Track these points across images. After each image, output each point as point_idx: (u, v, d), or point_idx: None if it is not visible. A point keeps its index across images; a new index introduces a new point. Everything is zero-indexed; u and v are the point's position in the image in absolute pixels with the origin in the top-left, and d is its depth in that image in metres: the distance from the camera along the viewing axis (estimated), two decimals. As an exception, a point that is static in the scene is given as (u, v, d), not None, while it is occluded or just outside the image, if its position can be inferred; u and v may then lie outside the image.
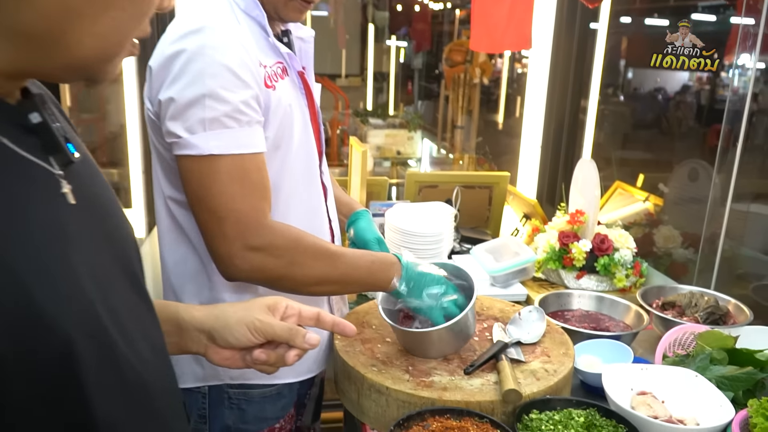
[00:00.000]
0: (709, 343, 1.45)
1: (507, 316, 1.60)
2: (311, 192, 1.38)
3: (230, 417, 1.38)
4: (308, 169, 1.37)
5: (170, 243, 1.34)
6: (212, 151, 1.14)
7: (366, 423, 1.33)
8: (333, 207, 1.50)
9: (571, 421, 1.22)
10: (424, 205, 2.36)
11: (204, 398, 1.39)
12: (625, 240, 2.20)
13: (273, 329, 0.92)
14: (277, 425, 1.42)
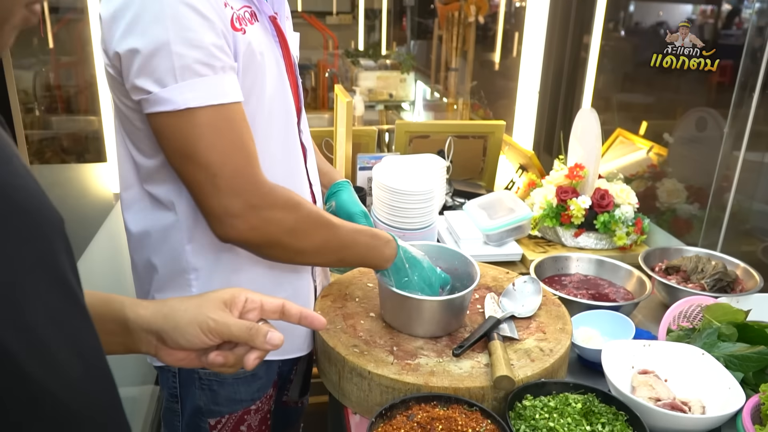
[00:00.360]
0: (717, 316, 1.35)
1: (500, 286, 1.50)
2: (289, 153, 1.25)
3: (201, 398, 1.29)
4: (285, 127, 1.23)
5: (138, 212, 1.22)
6: (189, 104, 1.00)
7: (348, 406, 1.25)
8: (314, 170, 1.37)
9: (568, 407, 1.13)
10: (415, 158, 2.23)
11: (174, 377, 1.30)
12: (626, 195, 2.09)
13: (229, 329, 0.81)
14: (253, 407, 1.33)
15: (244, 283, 1.21)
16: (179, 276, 1.20)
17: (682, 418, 1.13)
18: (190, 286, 1.20)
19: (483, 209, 2.09)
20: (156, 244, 1.21)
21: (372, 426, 1.05)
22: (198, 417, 1.31)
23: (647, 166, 2.35)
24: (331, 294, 1.42)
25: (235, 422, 1.32)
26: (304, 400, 1.67)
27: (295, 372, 1.53)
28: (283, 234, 1.11)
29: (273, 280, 1.26)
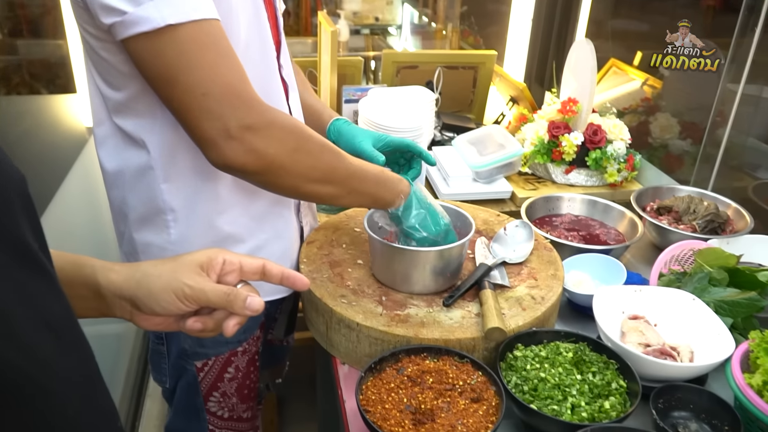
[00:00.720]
0: (709, 261, 1.34)
1: (491, 229, 1.47)
2: (269, 91, 1.17)
3: (187, 340, 1.28)
4: (263, 61, 1.15)
5: (111, 149, 1.15)
6: (168, 21, 0.92)
7: (336, 357, 1.24)
8: (298, 107, 1.30)
9: (559, 356, 1.12)
10: (402, 91, 2.16)
11: None
12: (619, 131, 2.04)
13: (206, 295, 0.77)
14: (239, 348, 1.32)
15: (224, 225, 1.17)
16: (156, 216, 1.16)
17: (671, 366, 1.13)
18: (167, 227, 1.16)
19: (472, 145, 2.04)
20: (130, 183, 1.15)
21: (362, 380, 1.04)
22: (183, 359, 1.30)
23: (641, 100, 2.29)
24: (317, 240, 1.39)
25: (222, 364, 1.31)
26: (289, 339, 1.66)
27: (280, 311, 1.51)
28: (286, 155, 1.03)
29: (254, 220, 1.21)
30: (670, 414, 1.10)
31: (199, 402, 1.34)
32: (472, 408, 1.01)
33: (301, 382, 2.10)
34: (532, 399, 1.05)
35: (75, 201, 2.18)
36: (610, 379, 1.08)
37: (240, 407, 1.39)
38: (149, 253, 1.19)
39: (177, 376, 1.33)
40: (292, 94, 1.26)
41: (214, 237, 1.18)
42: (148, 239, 1.18)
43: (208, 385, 1.32)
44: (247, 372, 1.36)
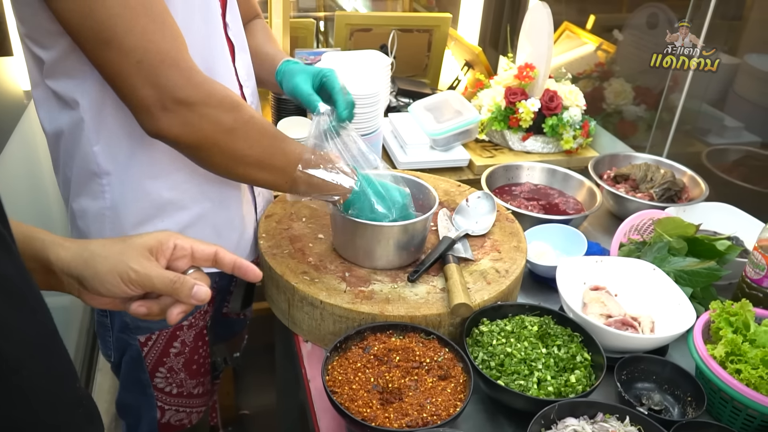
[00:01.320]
0: (668, 230, 1.34)
1: (452, 200, 1.44)
2: (212, 51, 1.11)
3: (128, 314, 1.21)
4: (206, 21, 1.08)
5: (48, 112, 1.08)
6: None
7: (299, 334, 1.20)
8: (246, 69, 1.22)
9: (524, 330, 1.11)
10: (357, 55, 2.09)
11: None
12: (574, 97, 2.03)
13: (151, 281, 0.74)
14: (185, 323, 1.27)
15: (162, 190, 1.12)
16: (90, 180, 1.10)
17: (634, 338, 1.13)
18: (102, 192, 1.10)
19: (429, 111, 2.00)
20: (68, 146, 1.09)
21: (327, 360, 1.01)
22: (126, 333, 1.25)
23: (594, 65, 2.28)
24: (276, 214, 1.34)
25: (166, 339, 1.27)
26: (247, 312, 1.62)
27: (235, 284, 1.46)
28: (220, 135, 1.00)
29: (196, 186, 1.15)
30: (633, 385, 1.11)
31: (145, 378, 1.29)
32: (440, 386, 1.00)
33: (258, 350, 2.06)
34: (498, 375, 1.04)
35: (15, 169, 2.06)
36: (575, 352, 1.08)
37: (189, 383, 1.34)
38: (86, 219, 1.14)
39: (121, 350, 1.29)
40: (240, 55, 1.19)
41: (153, 203, 1.12)
42: (84, 205, 1.13)
43: (153, 360, 1.28)
44: (194, 347, 1.32)
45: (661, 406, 1.07)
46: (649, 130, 2.02)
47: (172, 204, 1.14)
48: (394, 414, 0.94)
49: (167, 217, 1.14)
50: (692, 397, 1.06)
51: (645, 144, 2.02)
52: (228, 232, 1.23)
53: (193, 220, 1.17)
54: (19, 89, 2.37)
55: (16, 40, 2.19)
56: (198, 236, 1.17)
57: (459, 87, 2.42)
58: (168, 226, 1.15)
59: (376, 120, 1.83)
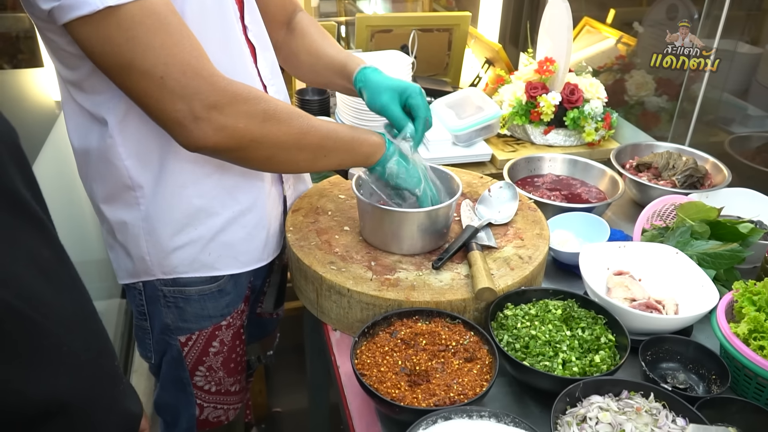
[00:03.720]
0: (690, 215, 1.36)
1: (475, 191, 1.47)
2: (231, 54, 1.13)
3: (168, 315, 1.27)
4: (223, 25, 1.10)
5: (76, 127, 1.13)
6: (107, 2, 0.88)
7: (327, 323, 1.24)
8: (270, 68, 1.25)
9: (548, 314, 1.14)
10: (378, 56, 2.13)
11: (141, 295, 1.27)
12: (595, 89, 2.05)
13: None
14: (223, 323, 1.31)
15: (193, 198, 1.15)
16: (125, 193, 1.14)
17: (658, 318, 1.15)
18: (138, 204, 1.15)
19: (451, 108, 2.03)
20: (97, 160, 1.13)
21: (355, 345, 1.05)
22: (167, 335, 1.29)
23: (615, 58, 2.30)
24: (302, 208, 1.38)
25: (206, 339, 1.31)
26: (279, 311, 1.66)
27: (269, 284, 1.50)
28: (256, 127, 1.02)
29: (226, 191, 1.19)
30: (658, 365, 1.13)
31: (185, 376, 1.33)
32: (466, 367, 1.02)
33: (287, 350, 2.10)
34: (524, 356, 1.07)
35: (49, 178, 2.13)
36: (599, 334, 1.10)
37: (227, 381, 1.39)
38: (125, 232, 1.18)
39: (162, 351, 1.33)
40: (263, 55, 1.22)
41: (184, 211, 1.16)
42: (122, 216, 1.17)
43: (194, 359, 1.32)
44: (232, 345, 1.36)
45: (686, 385, 1.09)
46: (670, 120, 2.03)
47: (203, 211, 1.18)
48: (422, 394, 0.97)
49: (200, 224, 1.18)
50: (716, 375, 1.08)
51: (667, 134, 2.03)
52: (258, 231, 1.27)
53: (225, 225, 1.21)
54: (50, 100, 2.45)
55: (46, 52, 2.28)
56: (231, 239, 1.22)
57: (480, 84, 2.45)
58: (201, 233, 1.19)
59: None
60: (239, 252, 1.25)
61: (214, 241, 1.21)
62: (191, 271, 1.22)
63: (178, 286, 1.23)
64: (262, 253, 1.31)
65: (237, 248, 1.24)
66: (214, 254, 1.22)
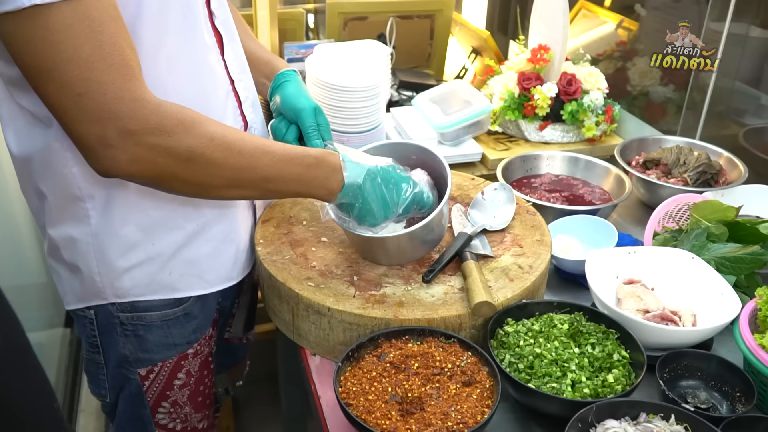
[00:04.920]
0: (706, 215, 1.37)
1: (466, 195, 1.47)
2: (195, 45, 1.12)
3: (126, 346, 1.24)
4: (184, 14, 1.09)
5: (16, 131, 1.10)
6: (35, 0, 0.87)
7: (305, 348, 1.22)
8: (239, 62, 1.25)
9: (553, 329, 1.14)
10: (352, 46, 2.13)
11: (92, 323, 1.24)
12: (595, 79, 2.07)
13: None
14: (190, 351, 1.29)
15: (151, 209, 1.14)
16: (72, 205, 1.12)
17: (675, 331, 1.15)
18: (88, 216, 1.13)
19: (435, 103, 2.04)
20: (41, 168, 1.11)
21: (339, 371, 1.04)
22: (124, 368, 1.26)
23: (616, 44, 2.32)
24: (274, 218, 1.37)
25: (170, 370, 1.29)
26: (249, 336, 1.64)
27: (238, 305, 1.49)
28: (177, 165, 1.00)
29: (188, 203, 1.17)
30: (677, 383, 1.13)
31: (146, 415, 1.31)
32: (464, 392, 1.02)
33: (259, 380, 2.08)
34: (528, 378, 1.07)
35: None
36: (611, 350, 1.10)
37: (194, 417, 1.36)
38: (74, 249, 1.16)
39: (118, 387, 1.30)
40: (229, 46, 1.21)
41: (141, 224, 1.15)
42: (69, 232, 1.15)
43: (156, 394, 1.30)
44: (200, 376, 1.34)
45: (708, 404, 1.09)
46: (679, 112, 2.05)
47: (163, 224, 1.16)
48: (416, 425, 0.97)
49: (158, 239, 1.17)
50: (741, 393, 1.09)
51: (675, 128, 2.05)
52: (226, 246, 1.25)
53: (188, 240, 1.19)
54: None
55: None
56: (195, 256, 1.21)
57: (467, 76, 2.47)
58: (160, 249, 1.17)
59: (377, 115, 1.86)
60: (205, 270, 1.24)
61: (176, 258, 1.19)
62: (149, 293, 1.20)
63: (137, 311, 1.21)
64: (231, 270, 1.29)
65: (202, 266, 1.23)
66: (175, 273, 1.20)
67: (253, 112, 1.28)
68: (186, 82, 1.11)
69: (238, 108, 1.23)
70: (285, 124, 1.29)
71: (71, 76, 0.91)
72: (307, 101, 1.28)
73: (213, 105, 1.15)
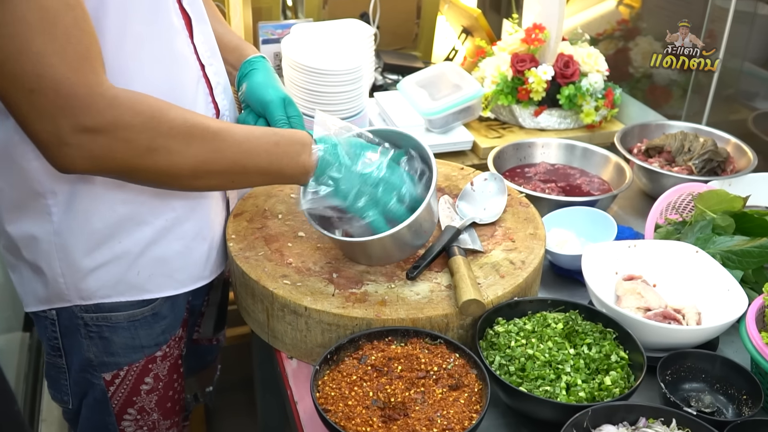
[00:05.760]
0: (711, 206, 1.39)
1: (455, 186, 1.48)
2: (162, 28, 1.13)
3: (90, 348, 1.25)
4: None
5: None
6: None
7: (281, 350, 1.23)
8: (209, 45, 1.25)
9: (547, 329, 1.15)
10: (333, 25, 2.14)
11: (54, 325, 1.25)
12: (594, 61, 2.08)
13: None
14: (158, 353, 1.29)
15: (117, 204, 1.14)
16: (33, 201, 1.13)
17: (677, 330, 1.17)
18: (49, 213, 1.13)
19: (422, 88, 2.05)
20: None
21: (316, 375, 1.04)
22: (88, 372, 1.27)
23: (616, 23, 2.34)
24: (247, 211, 1.37)
25: (137, 374, 1.29)
26: (219, 337, 1.64)
27: (207, 303, 1.49)
28: (138, 157, 1.01)
29: (157, 197, 1.18)
30: (680, 386, 1.14)
31: (111, 422, 1.31)
32: (451, 396, 1.03)
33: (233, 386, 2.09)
34: (520, 381, 1.07)
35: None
36: (608, 351, 1.11)
37: (163, 425, 1.37)
38: (35, 248, 1.16)
39: (81, 392, 1.30)
40: (199, 28, 1.21)
41: (107, 221, 1.15)
42: (29, 230, 1.15)
43: (121, 400, 1.30)
44: (169, 381, 1.34)
45: (712, 408, 1.10)
46: (684, 95, 2.07)
47: (130, 220, 1.16)
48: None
49: (125, 236, 1.17)
50: (748, 395, 1.10)
51: (680, 112, 2.07)
52: (198, 243, 1.26)
53: (157, 237, 1.19)
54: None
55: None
56: (165, 254, 1.21)
57: (457, 58, 2.47)
58: (127, 247, 1.17)
59: (360, 100, 1.87)
60: (175, 269, 1.24)
61: (144, 256, 1.19)
62: (116, 295, 1.21)
63: (103, 311, 1.22)
64: (204, 269, 1.30)
65: (172, 264, 1.23)
66: (144, 273, 1.20)
67: (225, 98, 1.29)
68: (154, 68, 1.11)
69: (209, 94, 1.24)
70: (253, 117, 1.30)
71: (23, 70, 0.92)
72: (275, 92, 1.28)
73: (183, 92, 1.15)
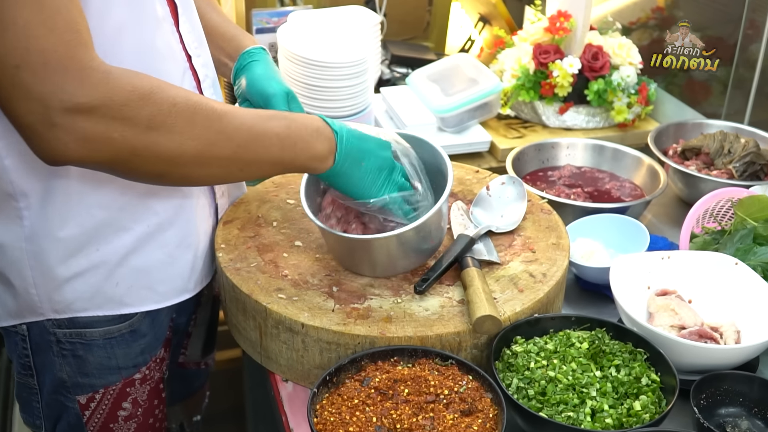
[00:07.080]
0: (752, 213, 1.40)
1: (469, 191, 1.50)
2: (146, 15, 1.15)
3: (64, 368, 1.27)
4: None
5: None
6: None
7: (275, 372, 1.25)
8: (195, 34, 1.27)
9: (571, 349, 1.16)
10: (334, 13, 2.16)
11: (25, 341, 1.27)
12: (626, 52, 2.10)
13: None
14: (137, 376, 1.31)
15: (94, 208, 1.16)
16: (3, 203, 1.15)
17: (714, 350, 1.18)
18: (20, 217, 1.15)
19: (434, 82, 2.07)
20: None
21: (314, 399, 1.06)
22: (62, 394, 1.29)
23: (651, 10, 2.35)
24: (238, 218, 1.39)
25: (114, 398, 1.31)
26: (208, 360, 1.66)
27: (195, 322, 1.51)
28: (136, 138, 1.01)
29: (139, 200, 1.20)
30: (715, 411, 1.16)
31: None
32: (463, 423, 1.04)
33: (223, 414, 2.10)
34: (540, 406, 1.09)
35: None
36: (638, 374, 1.12)
37: None
38: (2, 256, 1.18)
39: (54, 416, 1.32)
40: (185, 16, 1.23)
41: (83, 226, 1.17)
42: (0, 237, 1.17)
43: (98, 426, 1.32)
44: (149, 407, 1.36)
45: (751, 435, 1.12)
46: (724, 91, 2.08)
47: (109, 225, 1.18)
48: (405, 461, 0.99)
49: (103, 243, 1.19)
50: (792, 421, 1.11)
51: (720, 110, 2.08)
52: (182, 252, 1.28)
53: (137, 244, 1.21)
54: None
55: None
56: (146, 264, 1.23)
57: (473, 49, 2.49)
58: (105, 255, 1.19)
59: (364, 96, 1.89)
60: (157, 280, 1.26)
61: (123, 266, 1.21)
62: (92, 308, 1.23)
63: (77, 327, 1.24)
64: (188, 281, 1.32)
65: (154, 275, 1.25)
66: (123, 284, 1.22)
67: (214, 92, 1.31)
68: (137, 59, 1.12)
69: (196, 88, 1.26)
70: None
71: (8, 44, 0.92)
72: (278, 85, 1.30)
73: None
